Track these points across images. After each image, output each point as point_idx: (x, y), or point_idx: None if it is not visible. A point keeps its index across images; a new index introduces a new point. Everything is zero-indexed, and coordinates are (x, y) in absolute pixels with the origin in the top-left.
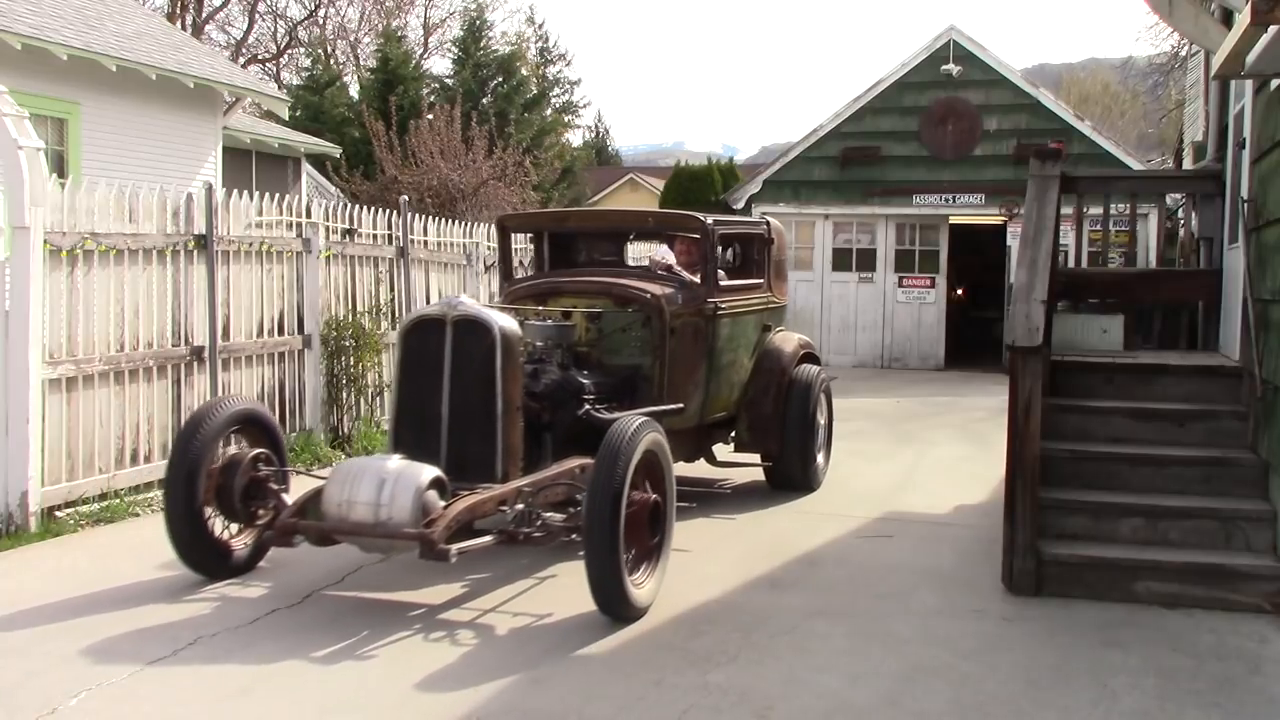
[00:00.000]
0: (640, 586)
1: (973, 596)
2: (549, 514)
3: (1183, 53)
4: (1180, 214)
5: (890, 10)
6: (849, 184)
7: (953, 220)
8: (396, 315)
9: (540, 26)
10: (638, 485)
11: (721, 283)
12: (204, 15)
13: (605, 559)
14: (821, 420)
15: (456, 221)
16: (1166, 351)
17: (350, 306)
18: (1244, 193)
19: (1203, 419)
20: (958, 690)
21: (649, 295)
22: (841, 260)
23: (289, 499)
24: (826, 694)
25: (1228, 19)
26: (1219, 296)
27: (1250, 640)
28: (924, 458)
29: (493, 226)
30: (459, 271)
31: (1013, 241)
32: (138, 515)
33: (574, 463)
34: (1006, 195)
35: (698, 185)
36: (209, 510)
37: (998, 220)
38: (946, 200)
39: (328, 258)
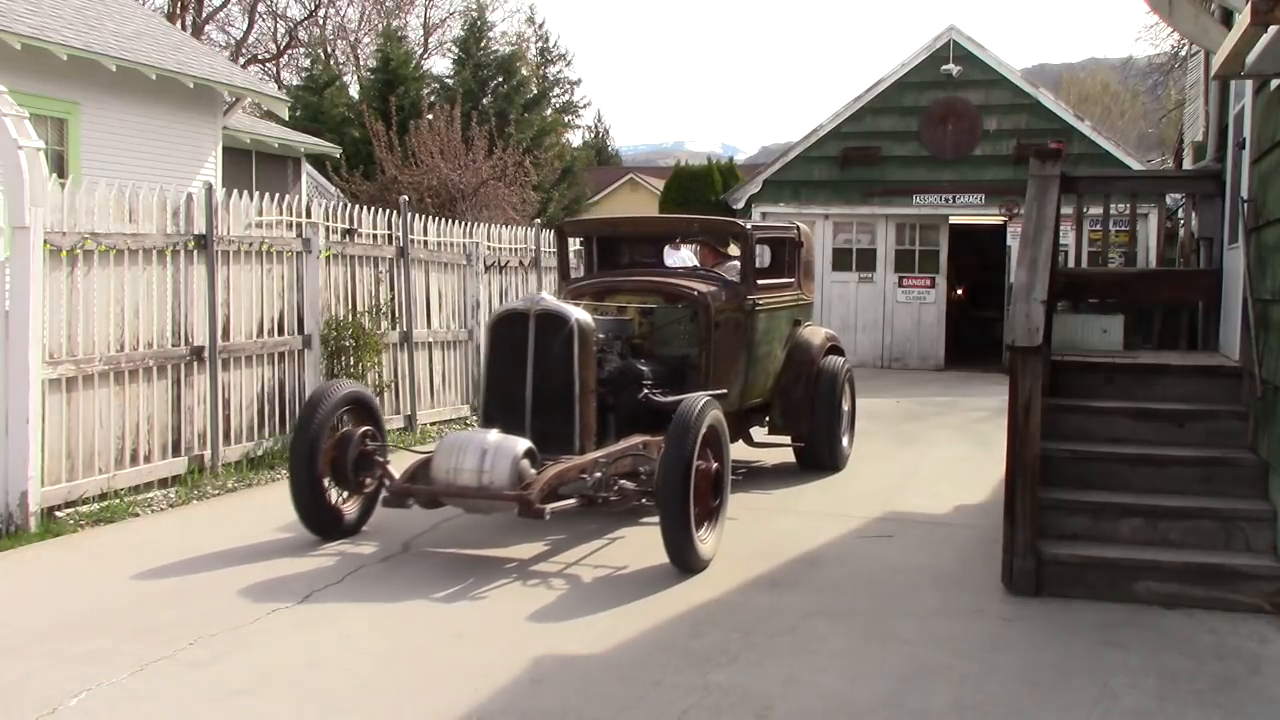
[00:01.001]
0: (704, 542)
1: (973, 596)
2: (622, 481)
3: (1183, 53)
4: (1180, 214)
5: (890, 10)
6: (849, 184)
7: (953, 220)
8: (396, 315)
9: (540, 26)
10: (702, 455)
11: (758, 281)
12: (204, 15)
13: (677, 518)
14: (846, 407)
15: (456, 221)
16: (1166, 351)
17: (350, 306)
18: (1244, 193)
19: (1203, 419)
20: (958, 690)
21: (696, 293)
22: (841, 260)
23: (394, 470)
24: (826, 694)
25: (1228, 19)
26: (1219, 296)
27: (1250, 640)
28: (924, 458)
29: (492, 227)
30: (459, 271)
31: (1013, 241)
32: (137, 515)
33: (638, 439)
34: (1006, 195)
35: (698, 185)
36: (325, 480)
37: (998, 220)
38: (946, 200)
39: (328, 258)
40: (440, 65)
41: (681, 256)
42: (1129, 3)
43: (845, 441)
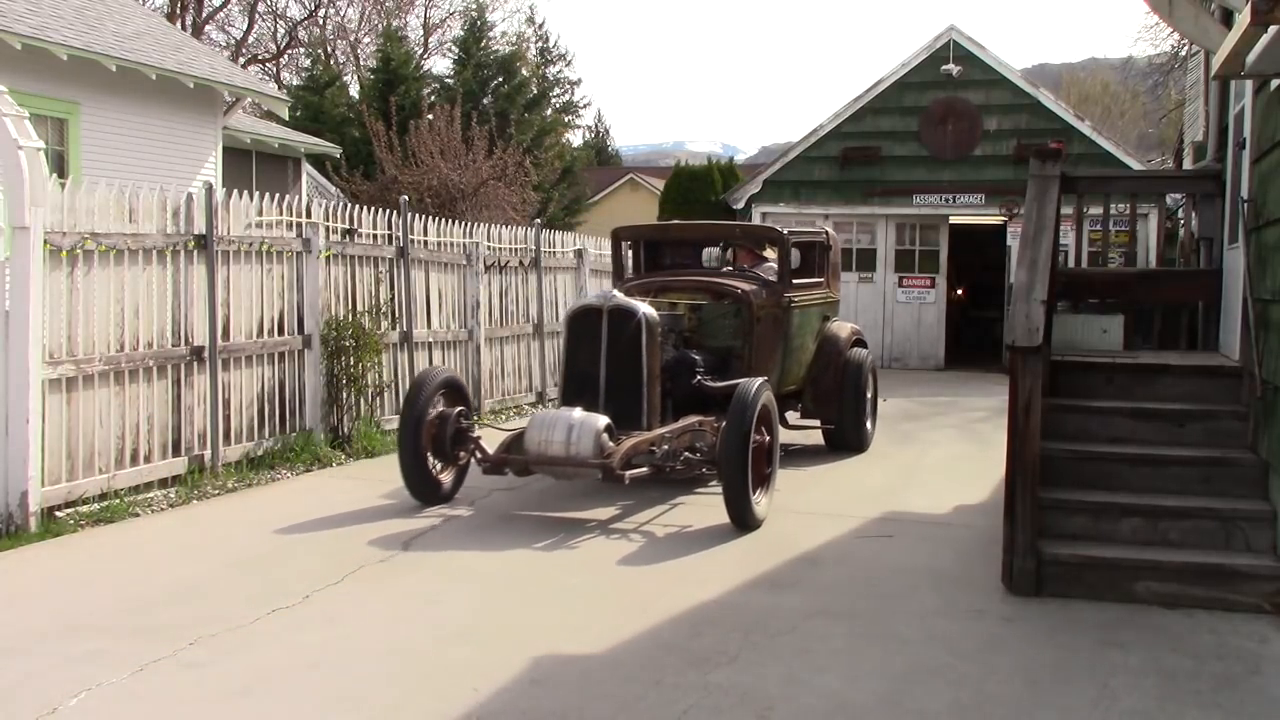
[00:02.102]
0: (758, 504)
1: (973, 596)
2: (686, 453)
3: (1183, 53)
4: (1180, 214)
5: (890, 10)
6: (849, 184)
7: (953, 220)
8: (396, 315)
9: (540, 26)
10: (758, 430)
11: (793, 281)
12: (204, 15)
13: (738, 482)
14: (869, 394)
15: (456, 221)
16: (1166, 351)
17: (350, 306)
18: (1244, 193)
19: (1203, 419)
20: (958, 690)
21: (740, 291)
22: (841, 260)
23: (486, 445)
24: (826, 694)
25: (1228, 19)
26: (1219, 296)
27: (1250, 640)
28: (924, 458)
29: (492, 227)
30: (459, 271)
31: (1013, 241)
32: (137, 515)
33: (693, 418)
34: (1006, 195)
35: (698, 185)
36: (428, 453)
37: (998, 220)
38: (946, 200)
39: (328, 258)
40: (440, 65)
41: None
42: (1129, 3)
43: (869, 425)
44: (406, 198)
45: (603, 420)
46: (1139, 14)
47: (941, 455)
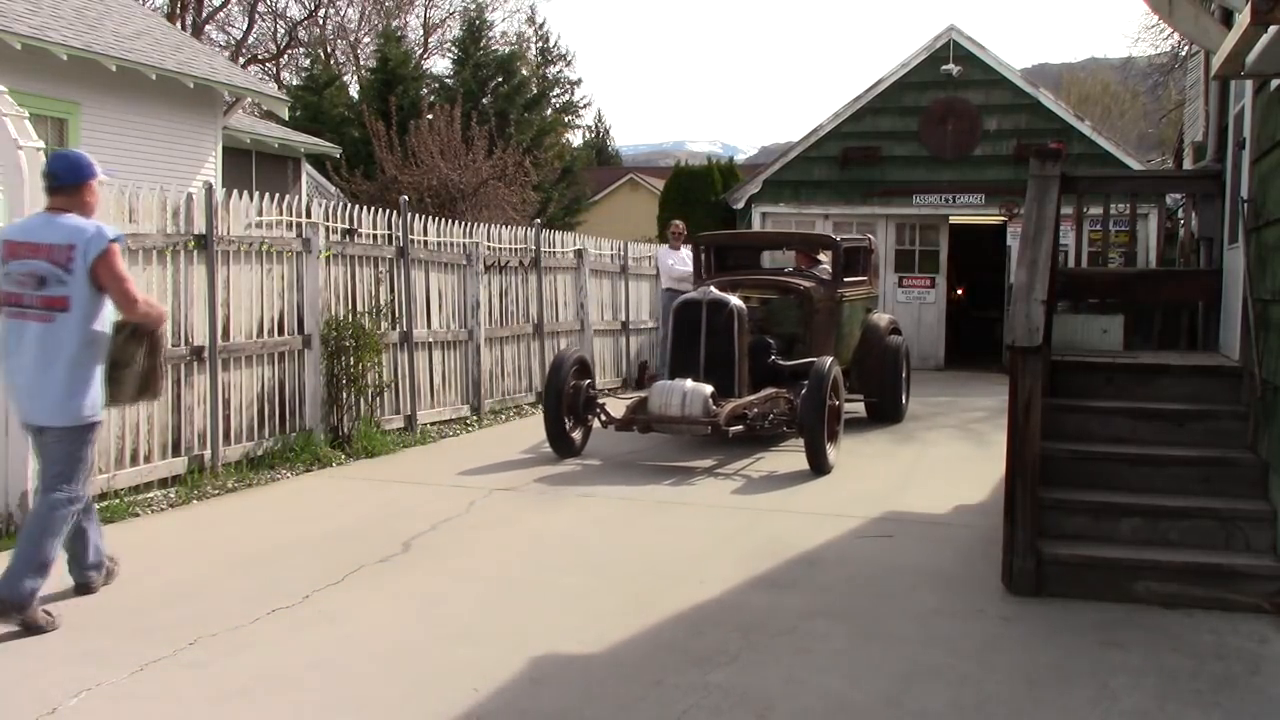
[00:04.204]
0: (830, 454)
1: (973, 596)
2: (771, 415)
3: (1183, 53)
4: (1180, 214)
5: (890, 10)
6: (849, 184)
7: (953, 220)
8: (396, 315)
9: (540, 26)
10: (831, 396)
11: (843, 279)
12: (204, 15)
13: (817, 437)
14: (904, 374)
15: (456, 221)
16: (1166, 351)
17: (350, 306)
18: (1244, 193)
19: (1203, 419)
20: (958, 690)
21: (802, 287)
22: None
23: (611, 410)
24: (826, 694)
25: (1228, 19)
26: (1219, 296)
27: (1250, 640)
28: (924, 458)
29: (492, 227)
30: (459, 271)
31: (1013, 241)
32: (137, 515)
33: (770, 390)
34: (1006, 195)
35: (698, 185)
36: (565, 417)
37: (998, 220)
38: (946, 200)
39: (328, 258)
40: (440, 65)
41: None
42: (1129, 3)
43: (904, 400)
44: (406, 198)
45: (708, 388)
46: (1139, 14)
47: (941, 455)
